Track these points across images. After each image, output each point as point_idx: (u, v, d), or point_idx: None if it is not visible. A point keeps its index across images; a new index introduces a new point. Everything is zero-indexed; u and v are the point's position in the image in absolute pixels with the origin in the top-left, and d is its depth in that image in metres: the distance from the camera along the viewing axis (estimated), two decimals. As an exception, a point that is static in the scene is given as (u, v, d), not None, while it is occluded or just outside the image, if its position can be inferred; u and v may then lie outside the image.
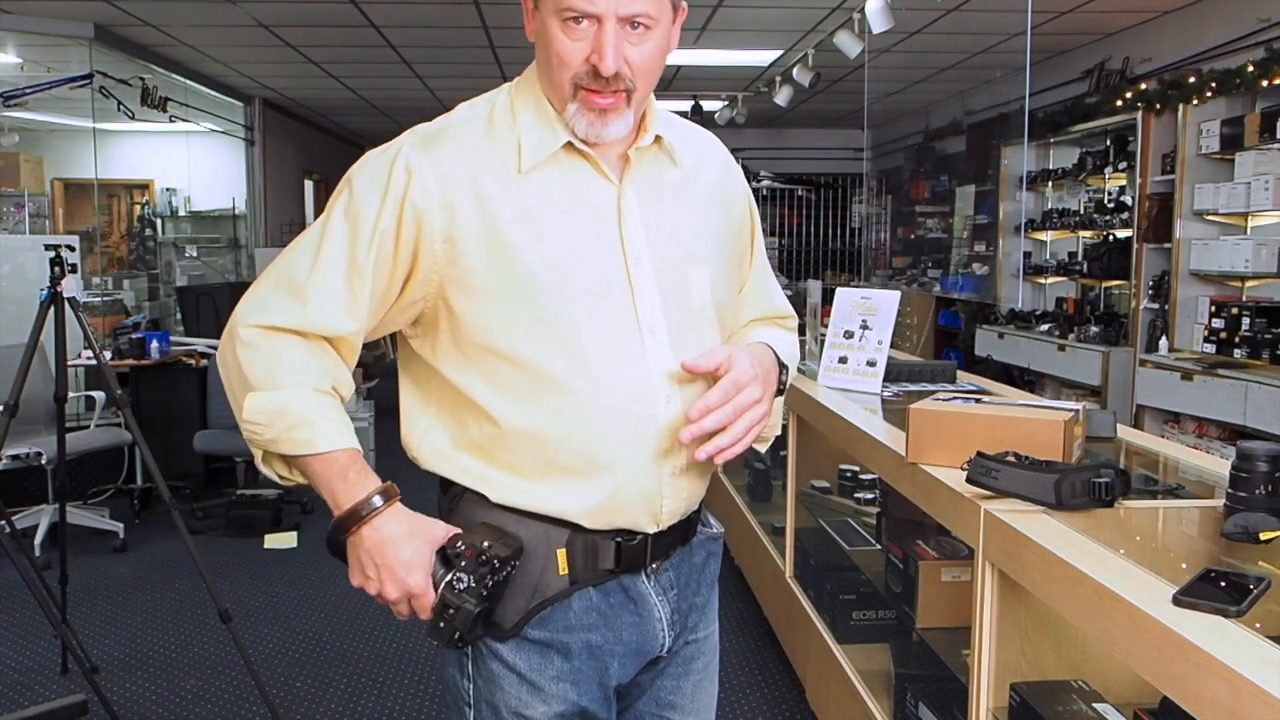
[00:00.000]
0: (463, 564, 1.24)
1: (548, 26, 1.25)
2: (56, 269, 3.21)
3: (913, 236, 10.47)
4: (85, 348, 5.26)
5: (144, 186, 9.40)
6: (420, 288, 1.29)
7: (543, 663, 1.33)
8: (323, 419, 1.24)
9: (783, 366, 1.42)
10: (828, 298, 3.46)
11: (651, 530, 1.35)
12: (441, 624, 1.23)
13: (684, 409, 1.31)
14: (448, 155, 1.28)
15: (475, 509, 1.32)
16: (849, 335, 3.17)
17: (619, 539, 1.33)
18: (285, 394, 1.24)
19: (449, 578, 1.23)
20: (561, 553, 1.31)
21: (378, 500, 1.24)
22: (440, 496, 1.38)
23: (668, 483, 1.34)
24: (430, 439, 1.35)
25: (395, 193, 1.26)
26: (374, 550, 1.24)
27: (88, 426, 5.54)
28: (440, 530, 1.27)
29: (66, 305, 3.25)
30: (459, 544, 1.25)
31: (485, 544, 1.25)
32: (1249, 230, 5.27)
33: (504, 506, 1.31)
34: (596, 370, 1.28)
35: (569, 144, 1.29)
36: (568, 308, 1.27)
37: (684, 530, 1.41)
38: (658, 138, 1.35)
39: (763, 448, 1.46)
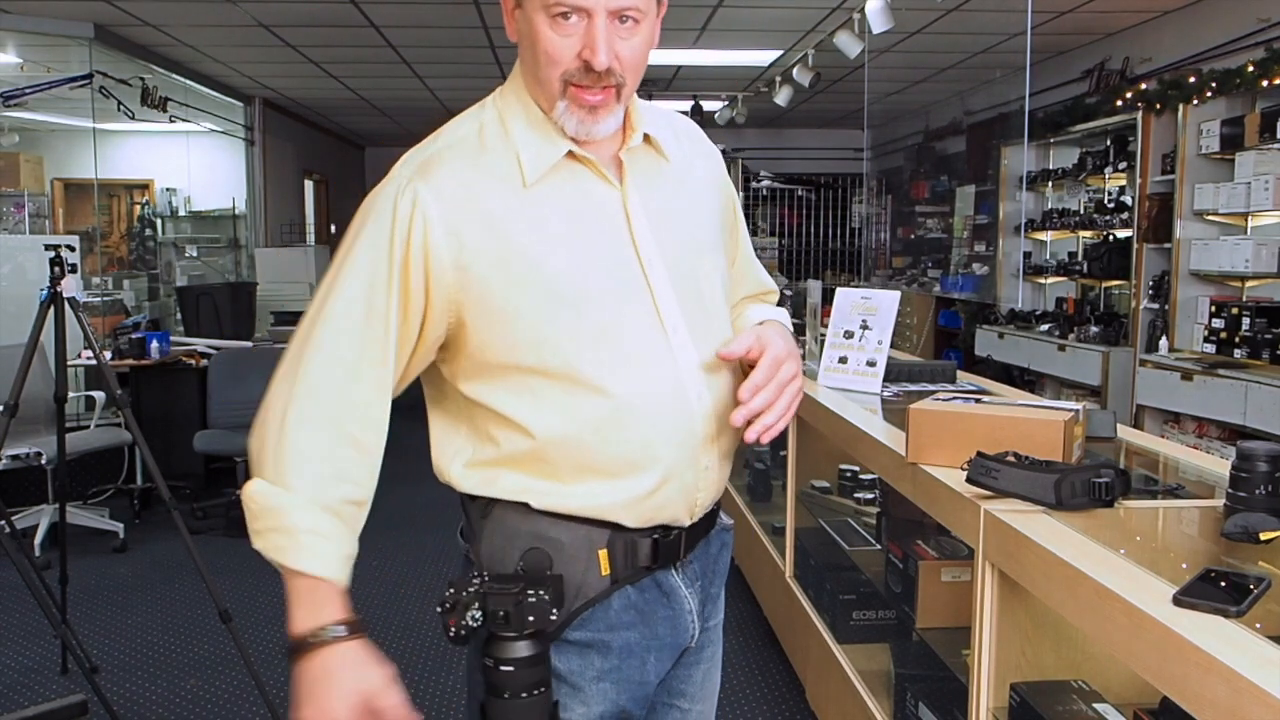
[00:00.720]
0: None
1: (534, 23, 1.23)
2: (56, 269, 3.21)
3: (913, 236, 10.47)
4: (85, 348, 5.26)
5: (144, 186, 9.41)
6: (439, 323, 1.27)
7: (582, 664, 1.33)
8: (312, 543, 1.19)
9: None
10: (828, 298, 3.46)
11: (686, 524, 1.36)
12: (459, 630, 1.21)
13: (714, 402, 1.33)
14: (447, 181, 1.26)
15: (513, 516, 1.30)
16: (849, 335, 3.17)
17: (656, 535, 1.34)
18: (289, 505, 1.20)
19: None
20: (603, 553, 1.31)
21: (334, 632, 1.19)
22: (467, 504, 1.35)
23: (703, 476, 1.35)
24: (462, 460, 1.33)
25: (401, 228, 1.24)
26: (325, 676, 1.20)
27: (88, 426, 5.54)
28: (378, 679, 1.18)
29: (66, 305, 3.25)
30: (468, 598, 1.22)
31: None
32: (1249, 230, 5.27)
33: (545, 512, 1.29)
34: (627, 374, 1.27)
35: (569, 152, 1.28)
36: (591, 316, 1.26)
37: (709, 522, 1.43)
38: (645, 135, 1.35)
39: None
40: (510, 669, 1.21)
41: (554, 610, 1.22)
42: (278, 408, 1.24)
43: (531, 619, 1.20)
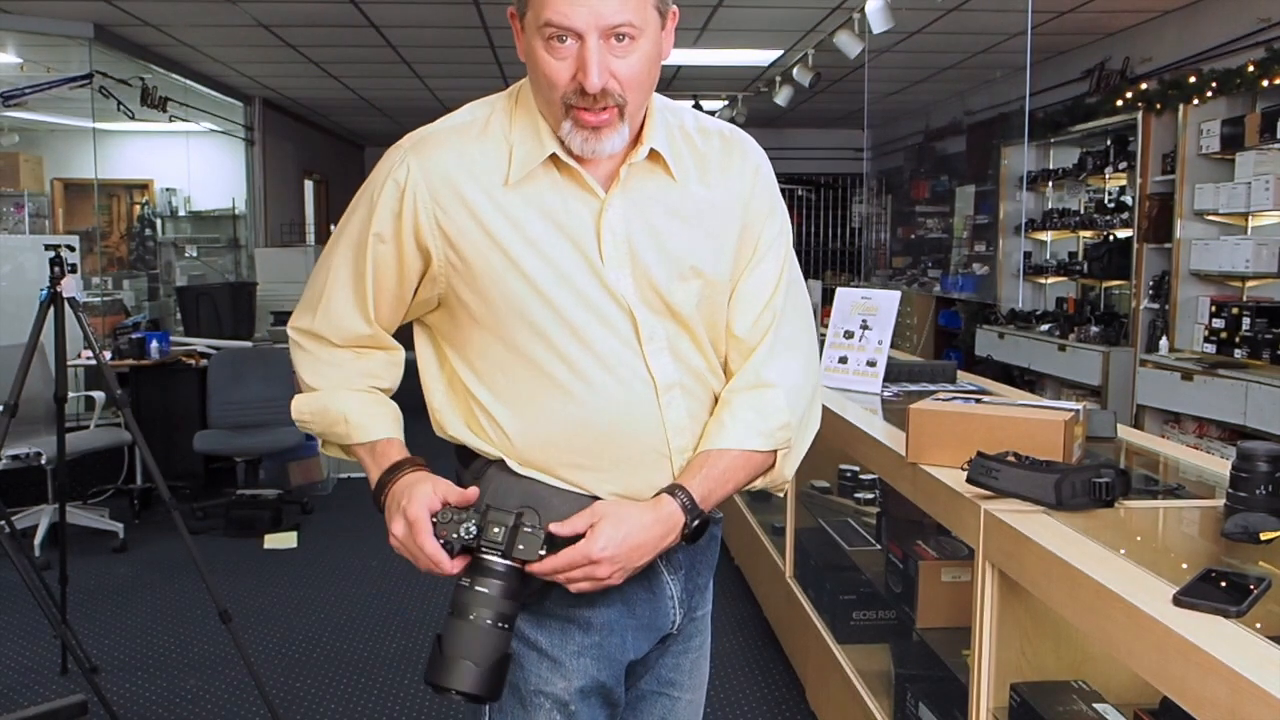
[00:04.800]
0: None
1: (533, 47, 1.25)
2: (56, 269, 3.21)
3: (913, 236, 10.47)
4: (85, 348, 5.26)
5: (144, 186, 9.40)
6: (431, 284, 1.35)
7: (563, 638, 1.37)
8: (356, 415, 1.38)
9: (696, 515, 1.32)
10: (828, 298, 3.46)
11: None
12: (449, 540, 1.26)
13: (687, 414, 1.36)
14: (437, 164, 1.30)
15: (505, 478, 1.34)
16: (849, 335, 3.17)
17: None
18: (323, 396, 1.40)
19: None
20: None
21: (393, 472, 1.35)
22: (460, 468, 1.41)
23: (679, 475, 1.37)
24: (446, 411, 1.40)
25: (389, 198, 1.32)
26: (392, 500, 1.33)
27: (88, 426, 5.54)
28: (443, 484, 1.32)
29: (66, 305, 3.25)
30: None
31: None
32: (1249, 230, 5.27)
33: (531, 478, 1.34)
34: (595, 376, 1.31)
35: (555, 156, 1.30)
36: (561, 317, 1.30)
37: None
38: (653, 151, 1.34)
39: (780, 493, 1.49)
40: (485, 591, 1.23)
41: (543, 550, 1.25)
42: (301, 341, 1.42)
43: (522, 548, 1.24)
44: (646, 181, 1.35)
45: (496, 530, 1.23)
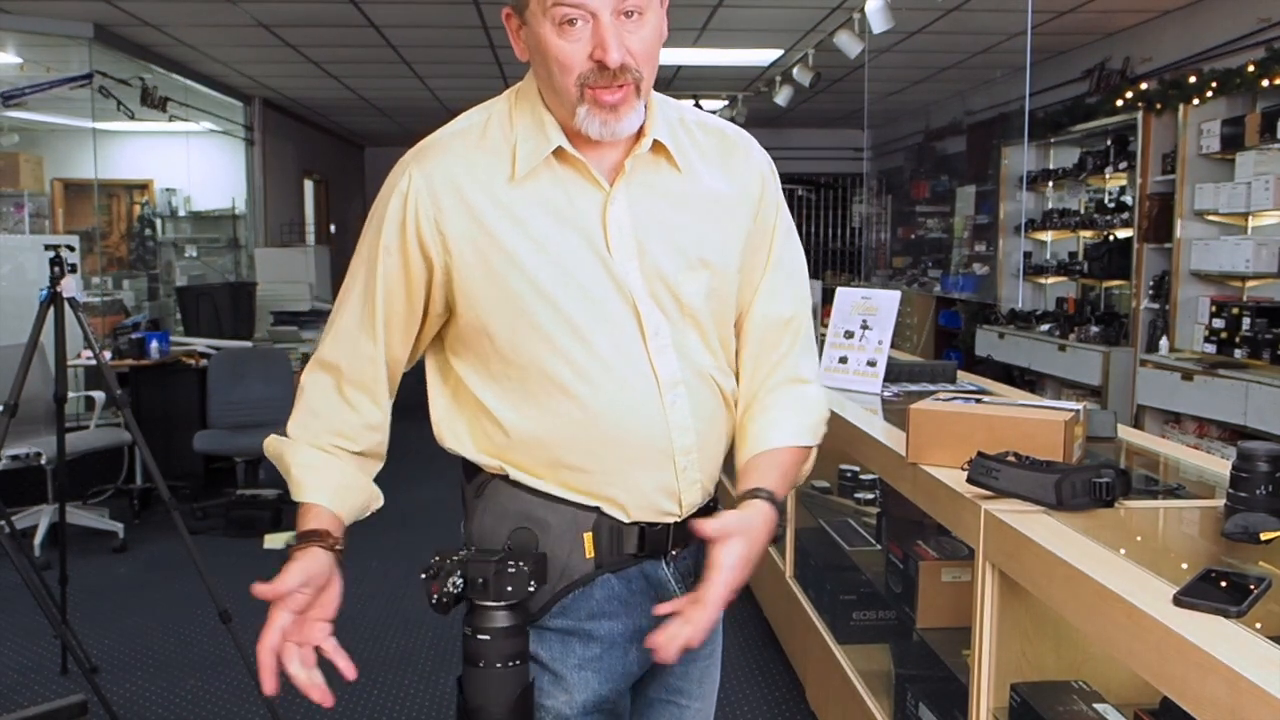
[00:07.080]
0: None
1: (542, 35, 1.24)
2: (56, 269, 3.21)
3: (913, 236, 10.47)
4: (85, 348, 5.26)
5: (144, 186, 9.40)
6: (439, 295, 1.34)
7: (564, 651, 1.35)
8: (298, 470, 1.36)
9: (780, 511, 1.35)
10: (828, 298, 3.46)
11: (672, 520, 1.37)
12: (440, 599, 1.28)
13: (691, 412, 1.34)
14: (439, 169, 1.30)
15: (503, 496, 1.34)
16: (849, 335, 3.17)
17: (643, 525, 1.35)
18: (285, 444, 1.39)
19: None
20: (588, 536, 1.33)
21: (302, 540, 1.34)
22: (464, 483, 1.41)
23: (683, 477, 1.36)
24: (448, 425, 1.39)
25: (394, 210, 1.31)
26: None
27: (87, 426, 5.54)
28: (312, 570, 1.30)
29: (66, 305, 3.25)
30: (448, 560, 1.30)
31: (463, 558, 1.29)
32: (1249, 230, 5.27)
33: (533, 491, 1.33)
34: (598, 376, 1.30)
35: (561, 150, 1.29)
36: (564, 316, 1.29)
37: (703, 516, 1.42)
38: (656, 143, 1.34)
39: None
40: (487, 638, 1.26)
41: (532, 582, 1.26)
42: (306, 383, 1.40)
43: (510, 589, 1.25)
44: (651, 173, 1.34)
45: (481, 581, 1.25)
